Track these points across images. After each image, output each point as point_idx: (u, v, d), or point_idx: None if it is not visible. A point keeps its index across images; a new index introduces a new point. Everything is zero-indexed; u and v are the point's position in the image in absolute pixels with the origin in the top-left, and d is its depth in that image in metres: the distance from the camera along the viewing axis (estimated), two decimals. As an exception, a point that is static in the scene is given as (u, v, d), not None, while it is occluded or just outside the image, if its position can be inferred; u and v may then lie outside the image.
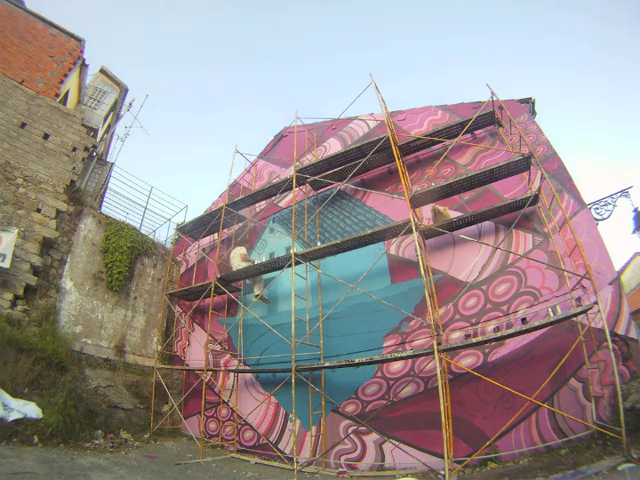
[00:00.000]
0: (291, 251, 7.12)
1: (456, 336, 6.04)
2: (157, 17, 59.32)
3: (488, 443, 4.92)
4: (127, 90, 13.48)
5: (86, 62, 10.72)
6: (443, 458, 4.56)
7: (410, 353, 5.48)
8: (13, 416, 4.80)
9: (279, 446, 7.08)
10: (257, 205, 10.07)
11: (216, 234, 9.96)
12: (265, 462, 6.66)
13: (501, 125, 7.33)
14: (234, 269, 8.41)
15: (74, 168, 8.52)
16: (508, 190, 6.62)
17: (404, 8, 59.10)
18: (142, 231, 10.47)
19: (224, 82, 69.64)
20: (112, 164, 10.78)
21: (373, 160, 7.86)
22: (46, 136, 8.32)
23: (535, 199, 5.95)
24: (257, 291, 8.46)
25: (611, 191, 6.47)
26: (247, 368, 8.09)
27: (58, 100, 9.18)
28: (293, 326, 6.45)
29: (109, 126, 13.94)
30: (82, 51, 10.22)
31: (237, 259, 8.55)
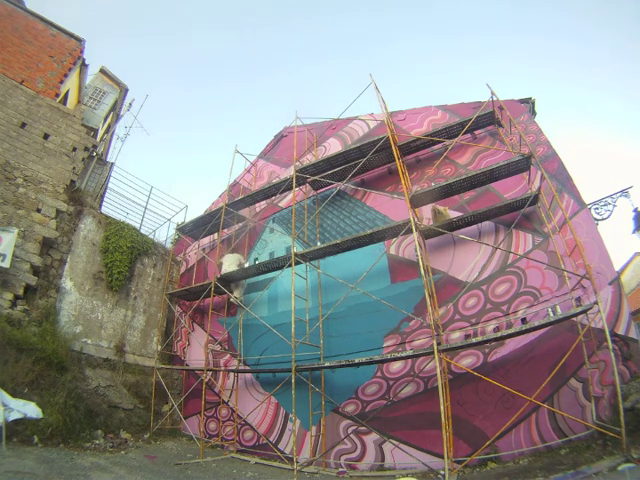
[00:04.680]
0: (291, 251, 7.13)
1: (456, 336, 6.04)
2: (157, 17, 59.32)
3: (488, 443, 4.93)
4: (127, 90, 13.48)
5: (86, 62, 10.73)
6: (443, 458, 4.56)
7: (410, 353, 5.48)
8: (13, 416, 4.79)
9: (279, 446, 7.08)
10: (257, 205, 10.07)
11: (216, 234, 9.96)
12: (265, 462, 6.66)
13: (501, 125, 7.33)
14: (222, 270, 8.54)
15: (74, 168, 8.53)
16: (508, 190, 6.62)
17: (404, 8, 59.14)
18: (142, 231, 10.47)
19: (224, 82, 69.68)
20: (112, 164, 10.77)
21: (373, 160, 7.86)
22: (46, 136, 8.32)
23: (535, 199, 5.95)
24: (237, 294, 8.70)
25: (611, 191, 6.47)
26: (247, 368, 8.09)
27: (58, 100, 9.19)
28: (293, 326, 6.45)
29: (109, 126, 13.95)
30: (82, 51, 10.23)
31: (230, 264, 8.67)
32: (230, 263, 8.70)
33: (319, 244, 7.44)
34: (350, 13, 59.24)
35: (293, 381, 6.08)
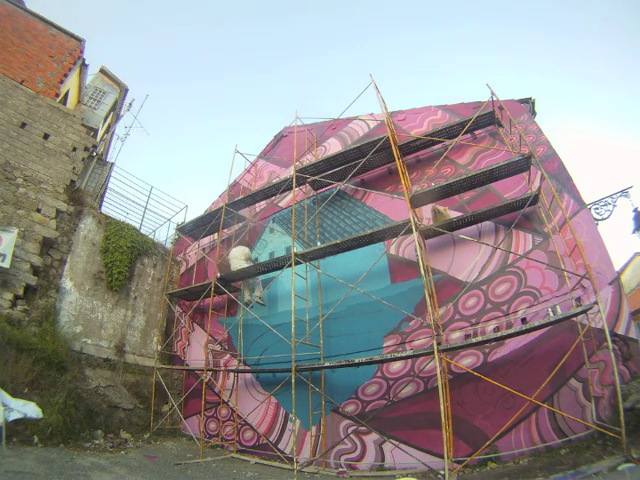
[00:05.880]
0: (291, 251, 7.12)
1: (456, 336, 6.04)
2: (157, 17, 59.37)
3: (488, 443, 4.92)
4: (127, 90, 13.48)
5: (86, 62, 10.72)
6: (443, 458, 4.55)
7: (410, 353, 5.48)
8: (13, 416, 4.79)
9: (279, 446, 7.08)
10: (257, 205, 10.07)
11: (216, 234, 9.96)
12: (265, 462, 6.66)
13: (501, 125, 7.32)
14: (233, 268, 8.33)
15: (74, 168, 8.52)
16: (508, 190, 6.62)
17: (404, 8, 59.15)
18: (142, 231, 10.47)
19: (224, 82, 69.72)
20: (112, 164, 10.77)
21: (373, 160, 7.86)
22: (46, 136, 8.31)
23: (535, 199, 5.95)
24: (258, 293, 8.42)
25: (611, 191, 6.47)
26: (247, 368, 8.09)
27: (58, 100, 9.18)
28: (293, 326, 6.45)
29: (109, 126, 13.94)
30: (82, 51, 10.23)
31: (239, 259, 8.44)
32: (238, 259, 8.39)
33: (319, 244, 7.44)
34: (350, 13, 59.25)
35: (293, 381, 6.08)
